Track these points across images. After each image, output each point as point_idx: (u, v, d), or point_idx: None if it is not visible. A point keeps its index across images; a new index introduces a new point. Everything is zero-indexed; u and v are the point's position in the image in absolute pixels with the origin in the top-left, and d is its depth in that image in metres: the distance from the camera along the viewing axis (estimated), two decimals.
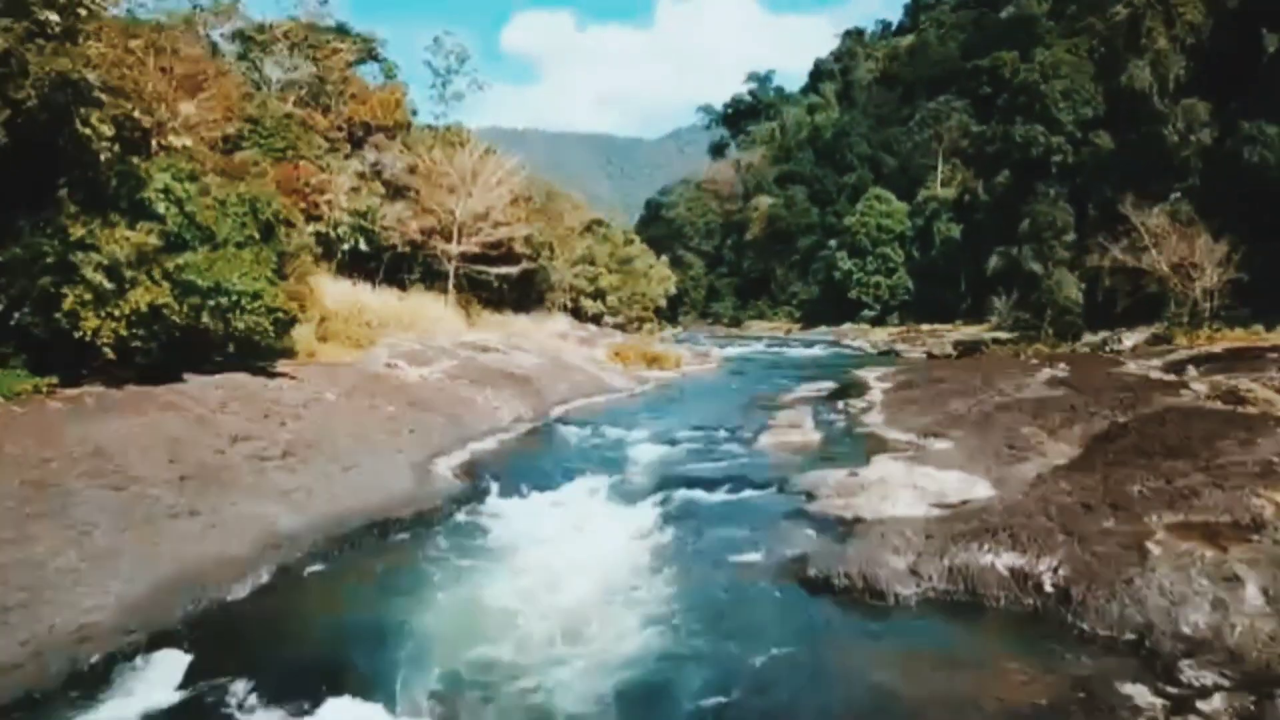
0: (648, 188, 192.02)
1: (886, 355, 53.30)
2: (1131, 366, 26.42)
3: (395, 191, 30.26)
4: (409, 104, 35.80)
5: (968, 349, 47.96)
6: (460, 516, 12.84)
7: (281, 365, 18.03)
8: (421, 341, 25.60)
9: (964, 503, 13.03)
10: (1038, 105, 61.37)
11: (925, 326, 66.16)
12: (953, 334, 56.84)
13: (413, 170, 30.72)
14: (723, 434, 20.11)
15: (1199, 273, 35.27)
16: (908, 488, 13.93)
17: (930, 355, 49.40)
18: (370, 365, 20.86)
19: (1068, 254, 43.30)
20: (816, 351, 58.24)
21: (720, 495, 14.15)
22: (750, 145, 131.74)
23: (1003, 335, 49.87)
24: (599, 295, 46.70)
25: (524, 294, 42.40)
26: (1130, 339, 35.85)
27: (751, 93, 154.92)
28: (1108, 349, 35.93)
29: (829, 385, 30.83)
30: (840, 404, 25.17)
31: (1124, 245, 39.62)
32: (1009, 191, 69.05)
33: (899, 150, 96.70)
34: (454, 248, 30.67)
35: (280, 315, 15.46)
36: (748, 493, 14.30)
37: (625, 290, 47.34)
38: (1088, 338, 42.25)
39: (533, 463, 16.88)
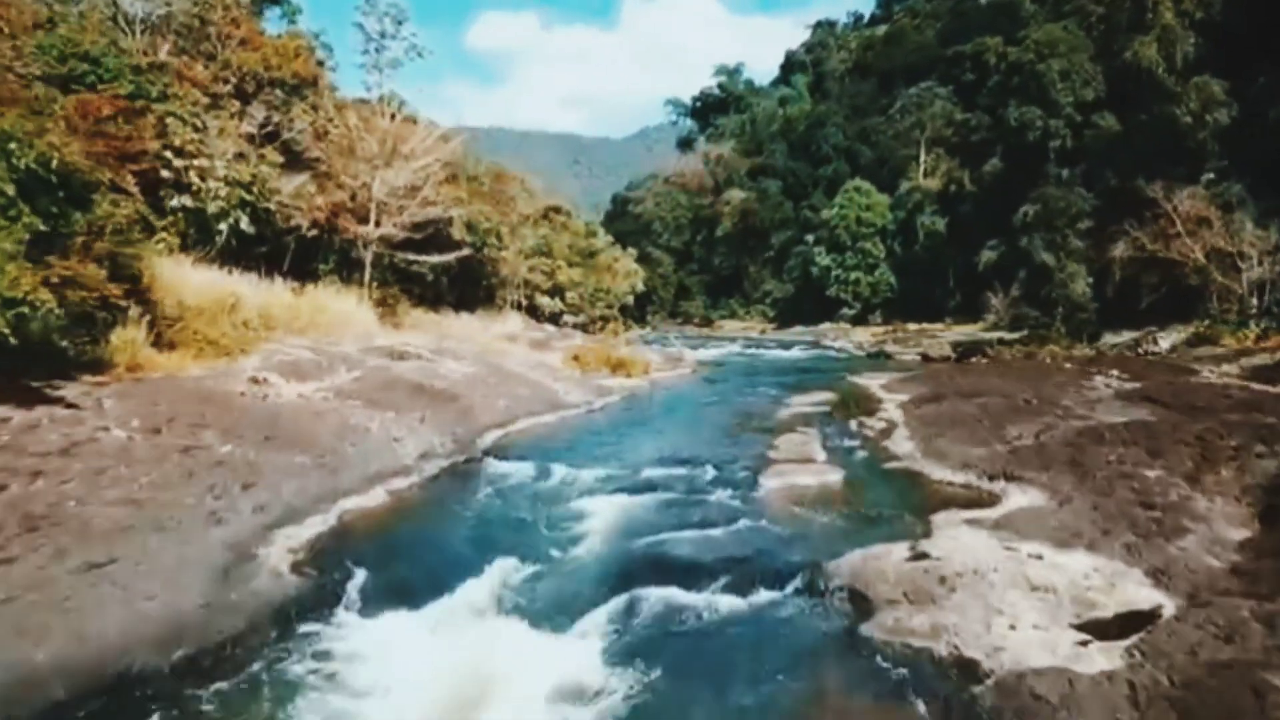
0: (615, 186, 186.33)
1: (876, 357, 48.30)
2: (1208, 375, 21.42)
3: (299, 161, 24.56)
4: (330, 72, 30.11)
5: (968, 350, 43.06)
6: (264, 664, 7.34)
7: (77, 384, 12.43)
8: (317, 347, 20.00)
9: (1131, 622, 7.85)
10: (1033, 86, 56.79)
11: (912, 325, 61.41)
12: (946, 334, 52.08)
13: (322, 136, 25.04)
14: (708, 473, 14.75)
15: (1246, 263, 30.58)
16: (1018, 586, 8.70)
17: (926, 358, 44.43)
18: (226, 381, 15.21)
19: (1081, 244, 38.74)
20: (797, 354, 53.11)
21: (713, 602, 8.78)
22: (720, 138, 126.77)
23: (1005, 335, 45.07)
24: (557, 292, 41.23)
25: (468, 290, 36.84)
26: (1167, 339, 31.04)
27: (720, 86, 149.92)
28: (1142, 350, 31.05)
29: (826, 396, 25.64)
30: (853, 424, 19.96)
31: (1150, 232, 34.95)
32: (1000, 180, 64.67)
33: (877, 141, 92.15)
34: (371, 230, 24.98)
35: (27, 311, 9.86)
36: (760, 595, 8.94)
37: (587, 286, 41.93)
38: (1109, 338, 37.47)
39: (428, 534, 11.46)
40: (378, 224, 24.89)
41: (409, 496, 13.07)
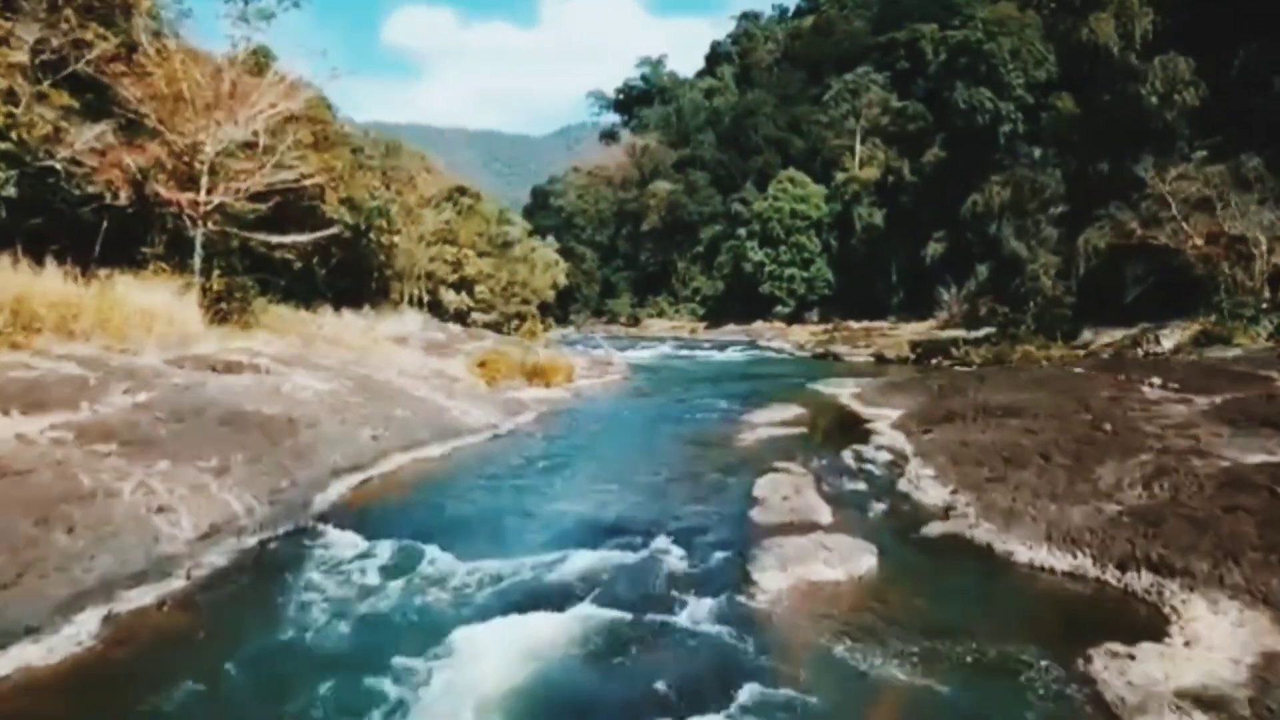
0: (536, 185, 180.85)
1: (824, 359, 43.75)
2: None
3: (107, 108, 18.34)
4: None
5: (929, 351, 38.71)
6: None
7: None
8: (98, 358, 13.94)
9: None
10: (982, 67, 53.19)
11: (855, 324, 57.25)
12: (896, 332, 47.86)
13: (142, 76, 18.80)
14: (666, 557, 9.44)
15: (1258, 251, 26.65)
16: None
17: (882, 360, 40.01)
18: None
19: (1054, 231, 34.80)
20: (735, 355, 48.25)
21: None
22: (644, 130, 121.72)
23: (967, 334, 40.90)
24: (465, 286, 35.40)
25: (356, 283, 30.79)
26: (1169, 338, 26.92)
27: (644, 78, 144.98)
28: (1144, 351, 26.84)
29: (793, 412, 20.62)
30: (846, 456, 14.87)
31: (1138, 217, 30.98)
32: (943, 170, 61.10)
33: (809, 131, 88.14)
34: (201, 199, 18.84)
35: None
36: None
37: (500, 280, 36.18)
38: (1087, 336, 33.40)
39: None
40: (210, 191, 18.71)
41: (143, 627, 7.36)
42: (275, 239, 21.00)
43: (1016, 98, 52.18)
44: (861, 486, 12.92)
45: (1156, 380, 17.75)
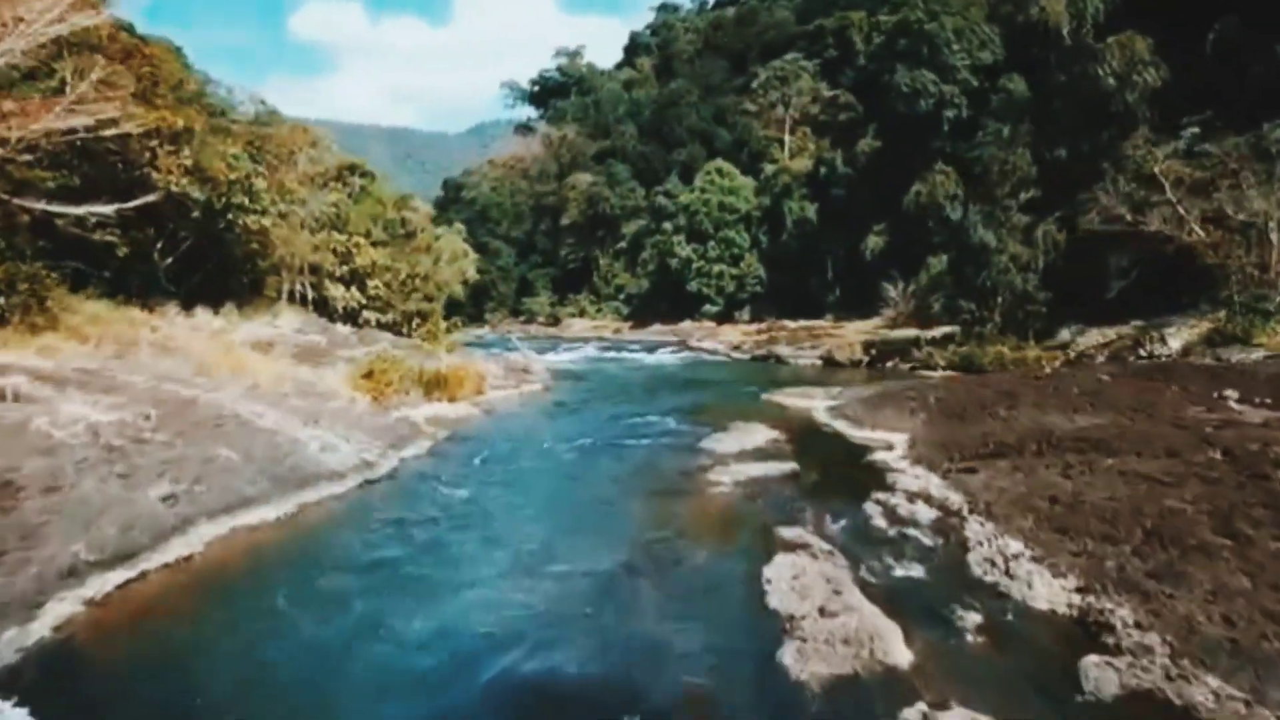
0: (448, 176, 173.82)
1: (765, 362, 39.61)
2: None
3: None
4: None
5: (885, 353, 34.86)
6: None
7: None
8: None
9: None
10: (924, 48, 49.87)
11: (791, 323, 53.41)
12: (839, 332, 44.08)
13: None
14: None
15: (1276, 236, 23.34)
16: None
17: (830, 362, 36.06)
18: None
19: (1026, 218, 31.36)
20: (667, 359, 43.80)
21: None
22: (561, 121, 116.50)
23: (920, 332, 37.24)
24: (356, 279, 29.94)
25: (218, 276, 25.15)
26: (1176, 338, 23.43)
27: (560, 69, 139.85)
28: (1147, 352, 23.27)
29: (765, 436, 16.28)
30: (874, 510, 10.42)
31: (1123, 203, 27.55)
32: (879, 160, 57.78)
33: (735, 122, 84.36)
34: None
35: None
36: None
37: (398, 272, 30.81)
38: (1065, 335, 29.93)
39: None
40: None
41: None
42: (83, 210, 15.42)
43: (961, 81, 49.08)
44: (918, 573, 8.47)
45: (1233, 393, 13.83)
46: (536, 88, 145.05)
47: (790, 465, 13.40)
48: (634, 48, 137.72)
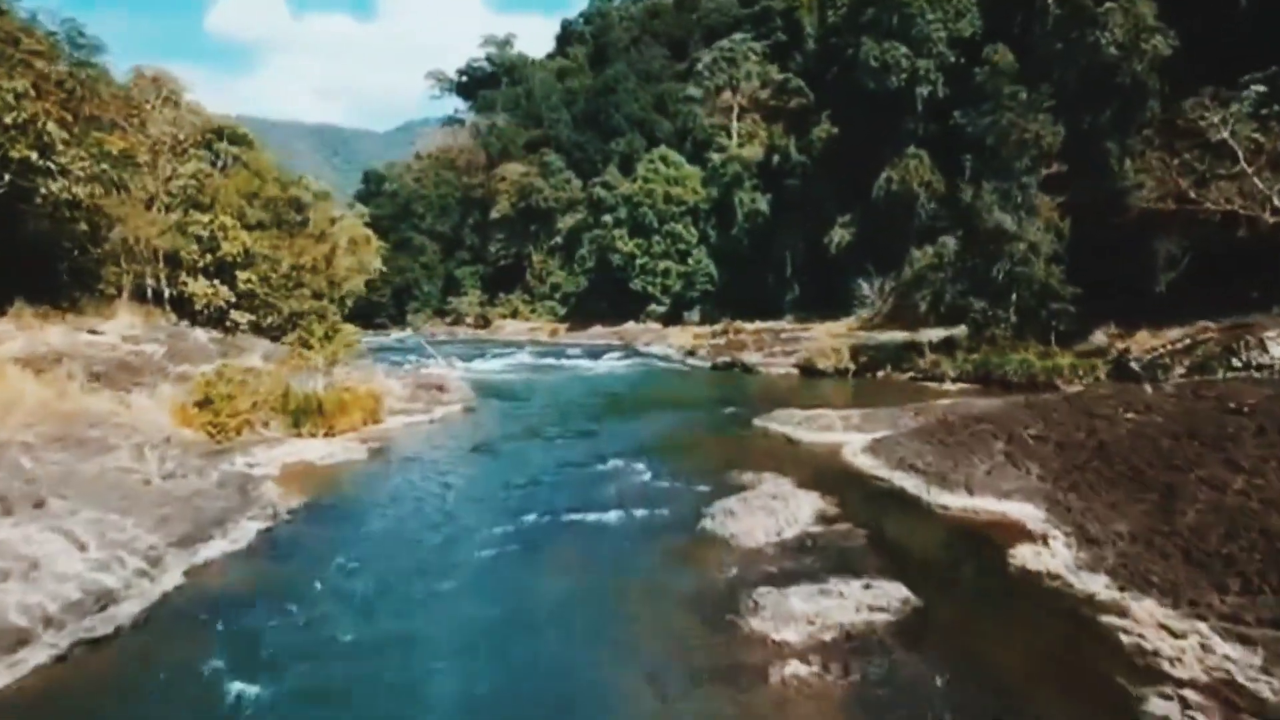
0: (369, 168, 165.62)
1: (730, 371, 33.91)
2: None
3: None
4: None
5: (875, 360, 29.47)
6: None
7: None
8: None
9: None
10: (894, 18, 44.81)
11: (749, 325, 47.80)
12: (809, 335, 38.61)
13: None
14: None
15: None
16: None
17: (810, 371, 30.54)
18: None
19: (1048, 199, 26.25)
20: (615, 366, 37.89)
21: None
22: (491, 112, 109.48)
23: (910, 335, 31.94)
24: (224, 272, 23.30)
25: (14, 263, 18.47)
26: (1278, 344, 18.37)
27: (490, 58, 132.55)
28: (1243, 362, 18.18)
29: (798, 506, 10.42)
30: None
31: (1170, 173, 22.59)
32: (838, 145, 52.85)
33: (677, 111, 78.75)
34: None
35: None
36: None
37: (279, 263, 24.21)
38: (1099, 338, 24.90)
39: None
40: None
41: None
42: None
43: (937, 55, 44.21)
44: None
45: None
46: (465, 78, 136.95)
47: (893, 591, 7.54)
48: (566, 36, 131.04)
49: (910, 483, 11.13)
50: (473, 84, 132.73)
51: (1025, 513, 9.33)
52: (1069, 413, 12.94)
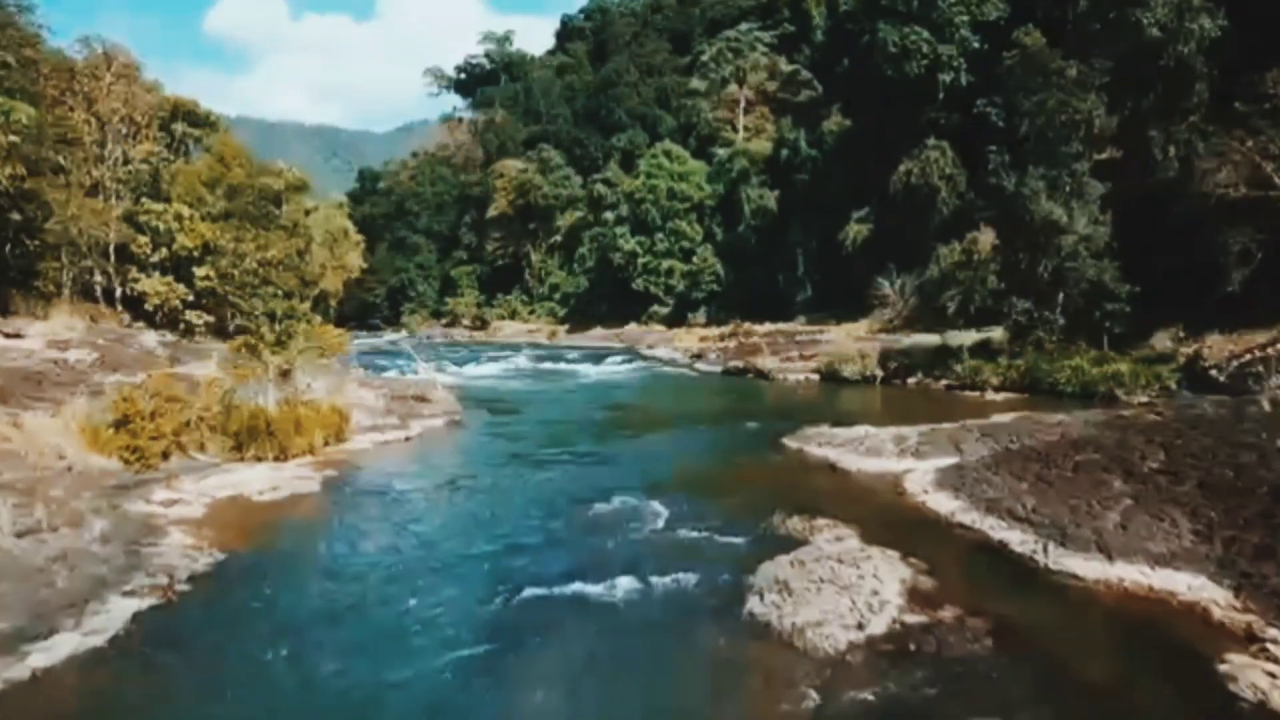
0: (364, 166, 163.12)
1: (743, 377, 31.23)
2: None
3: None
4: None
5: (905, 367, 26.83)
6: None
7: None
8: None
9: None
10: (915, 2, 42.17)
11: (760, 327, 45.12)
12: (825, 336, 35.94)
13: None
14: None
15: None
16: None
17: (830, 376, 27.92)
18: None
19: (1101, 186, 23.58)
20: (618, 371, 35.28)
21: None
22: (489, 108, 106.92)
23: (939, 338, 29.23)
24: (179, 268, 20.66)
25: None
26: None
27: (489, 55, 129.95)
28: None
29: (874, 574, 7.59)
30: None
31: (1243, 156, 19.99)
32: (853, 137, 50.26)
33: (681, 106, 76.23)
34: None
35: None
36: None
37: (245, 258, 21.54)
38: (1163, 343, 22.28)
39: None
40: None
41: None
42: None
43: (960, 40, 41.58)
44: None
45: None
46: (463, 75, 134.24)
47: None
48: (566, 33, 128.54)
49: (1015, 537, 8.46)
50: (471, 81, 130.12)
51: (1202, 591, 6.70)
52: (1194, 438, 10.26)
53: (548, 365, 37.49)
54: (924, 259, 38.25)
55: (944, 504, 9.96)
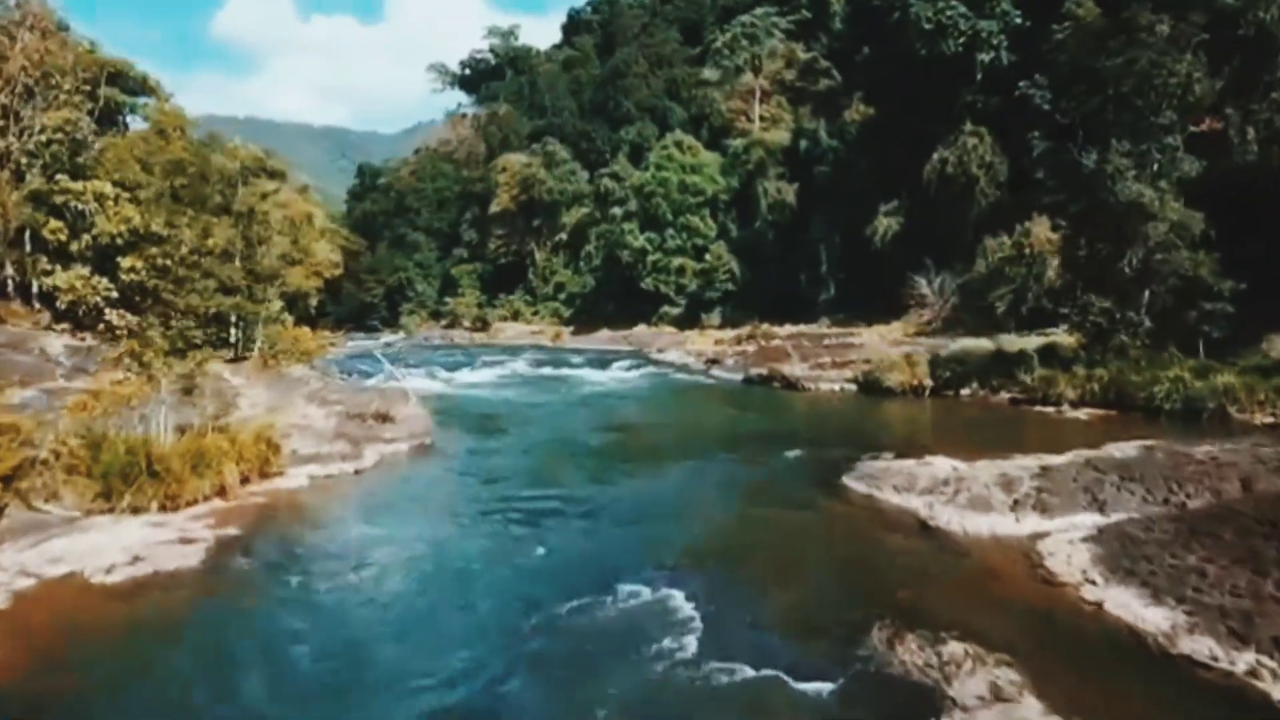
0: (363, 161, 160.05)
1: (767, 385, 27.65)
2: None
3: None
4: None
5: (960, 374, 23.18)
6: None
7: None
8: None
9: None
10: None
11: (780, 329, 41.55)
12: (856, 339, 32.33)
13: None
14: None
15: None
16: None
17: (870, 387, 24.29)
18: None
19: (1195, 163, 20.07)
20: (623, 378, 31.78)
21: None
22: (494, 102, 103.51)
23: (987, 342, 25.61)
24: (100, 260, 17.21)
25: None
26: None
27: (493, 49, 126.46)
28: None
29: None
30: None
31: None
32: (878, 126, 46.74)
33: (692, 97, 72.69)
34: None
35: None
36: None
37: (178, 244, 18.02)
38: (1277, 348, 18.66)
39: None
40: None
41: None
42: None
43: (1001, 14, 37.97)
44: None
45: None
46: (467, 71, 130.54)
47: None
48: (573, 26, 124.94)
49: None
50: (476, 77, 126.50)
51: None
52: None
53: (547, 371, 34.02)
54: (963, 254, 34.68)
55: (1136, 609, 6.39)
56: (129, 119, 20.81)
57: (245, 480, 11.28)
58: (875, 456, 13.06)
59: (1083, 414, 18.57)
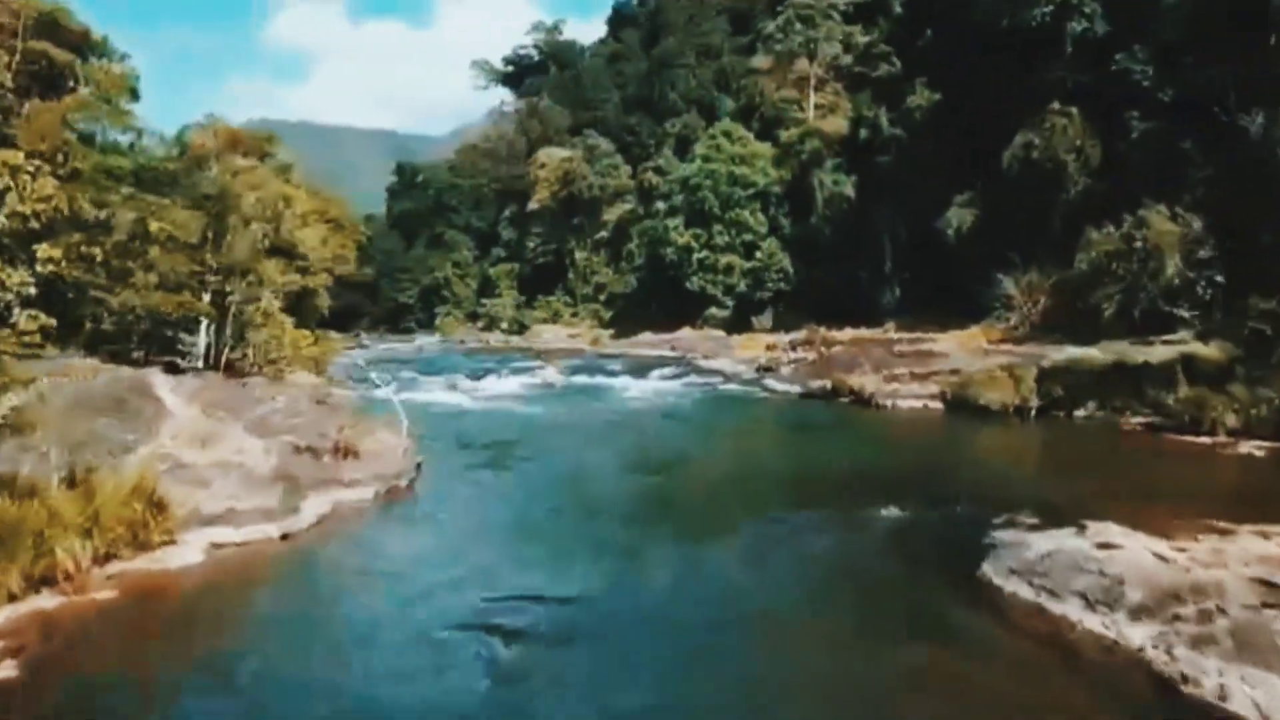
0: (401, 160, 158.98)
1: (831, 400, 23.67)
2: None
3: None
4: None
5: (1072, 393, 18.99)
6: None
7: None
8: None
9: None
10: None
11: (843, 334, 37.38)
12: (940, 348, 28.18)
13: None
14: None
15: None
16: None
17: (958, 404, 20.21)
18: None
19: None
20: (665, 391, 28.12)
21: None
22: (535, 97, 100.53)
23: (1093, 351, 21.35)
24: (22, 246, 14.01)
25: None
26: None
27: (538, 45, 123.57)
28: None
29: None
30: None
31: None
32: (947, 109, 42.40)
33: (742, 87, 68.79)
34: None
35: None
36: None
37: (112, 234, 14.70)
38: None
39: None
40: None
41: None
42: None
43: None
44: None
45: None
46: (511, 68, 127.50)
47: None
48: (619, 20, 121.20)
49: None
50: (519, 73, 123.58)
51: None
52: None
53: (581, 379, 30.46)
54: (1050, 249, 30.38)
55: None
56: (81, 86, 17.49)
57: (108, 558, 7.78)
58: (1013, 522, 9.17)
59: (1254, 448, 14.40)
